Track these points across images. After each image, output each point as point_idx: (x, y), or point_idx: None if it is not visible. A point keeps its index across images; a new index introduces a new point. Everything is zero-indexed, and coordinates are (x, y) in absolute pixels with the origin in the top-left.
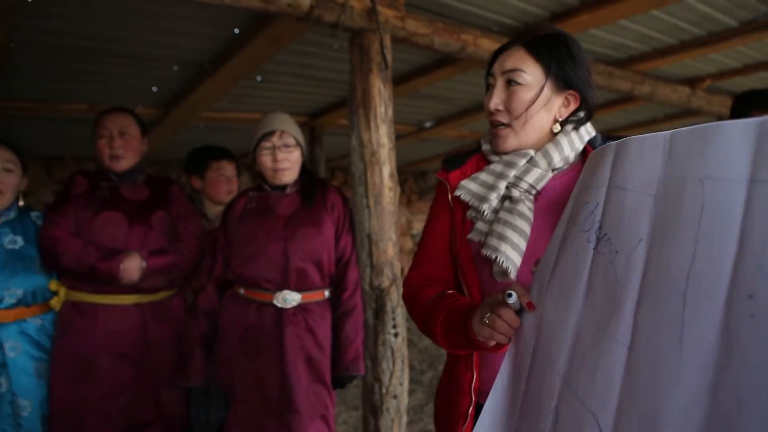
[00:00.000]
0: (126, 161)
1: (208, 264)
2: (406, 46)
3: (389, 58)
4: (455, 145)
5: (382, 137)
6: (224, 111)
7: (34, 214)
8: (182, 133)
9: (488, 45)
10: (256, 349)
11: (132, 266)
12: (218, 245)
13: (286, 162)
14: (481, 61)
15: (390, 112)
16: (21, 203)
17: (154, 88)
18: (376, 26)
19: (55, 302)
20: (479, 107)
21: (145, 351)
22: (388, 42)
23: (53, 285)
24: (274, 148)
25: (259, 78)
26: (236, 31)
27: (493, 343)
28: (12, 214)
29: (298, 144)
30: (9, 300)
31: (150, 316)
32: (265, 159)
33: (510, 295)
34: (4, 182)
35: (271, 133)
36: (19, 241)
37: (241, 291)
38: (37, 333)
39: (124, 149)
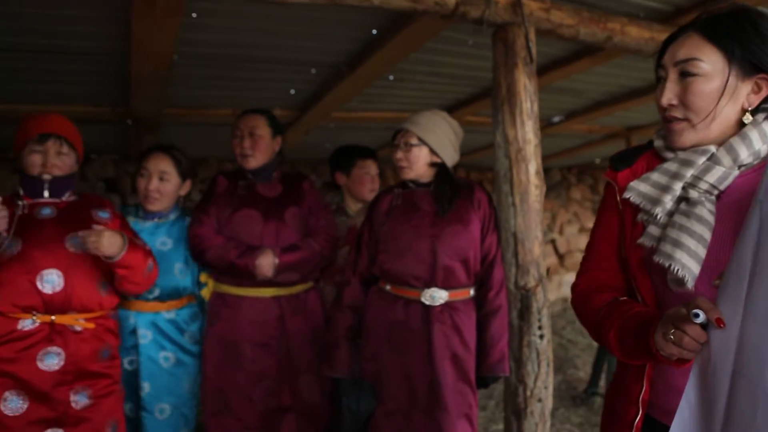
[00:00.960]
0: (254, 160)
1: (353, 258)
2: (550, 38)
3: (534, 51)
4: (582, 141)
5: (527, 133)
6: (354, 111)
7: (189, 219)
8: (312, 133)
9: (636, 33)
10: (403, 346)
11: (266, 263)
12: (363, 241)
13: (404, 161)
14: (628, 50)
15: (536, 107)
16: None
17: (292, 91)
18: (521, 19)
19: (205, 292)
20: (614, 99)
21: (283, 341)
22: (532, 35)
23: (203, 277)
24: (397, 146)
25: (391, 77)
26: (374, 32)
27: (675, 357)
28: (171, 217)
29: (424, 143)
30: (147, 294)
31: (287, 309)
32: (394, 156)
33: (697, 315)
34: (159, 190)
35: (398, 132)
36: (169, 243)
37: (387, 287)
38: (168, 325)
39: (251, 148)
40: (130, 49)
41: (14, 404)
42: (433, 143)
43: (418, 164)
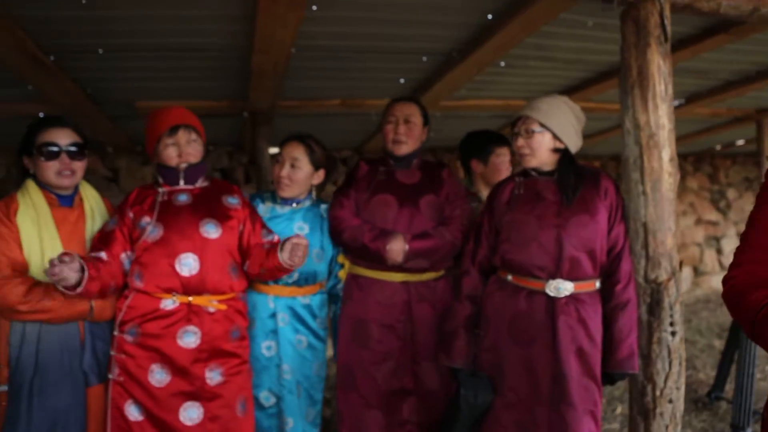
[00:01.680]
0: (406, 146)
1: (472, 248)
2: (682, 15)
3: (669, 29)
4: (703, 126)
5: (661, 118)
6: (462, 99)
7: (323, 206)
8: None
9: None
10: (525, 338)
11: (396, 248)
12: (483, 230)
13: (526, 148)
14: None
15: (670, 89)
16: (314, 196)
17: (402, 80)
18: None
19: (342, 273)
20: (746, 79)
21: (408, 326)
22: (668, 11)
23: (340, 258)
24: (517, 134)
25: (502, 63)
26: (489, 16)
27: None
28: (307, 203)
29: (546, 129)
30: (287, 279)
31: (414, 295)
32: (515, 144)
33: None
34: (290, 177)
35: (518, 119)
36: (306, 228)
37: (509, 277)
38: (302, 310)
39: (406, 135)
40: (252, 45)
41: (160, 376)
42: (555, 128)
43: (540, 151)
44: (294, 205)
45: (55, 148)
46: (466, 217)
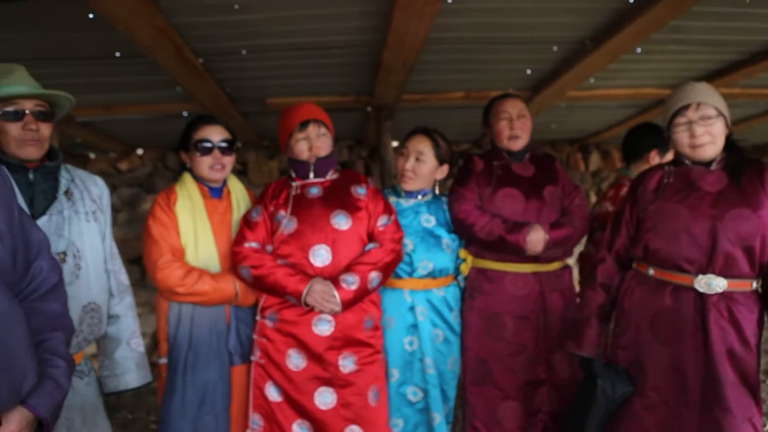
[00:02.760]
0: (521, 141)
1: (609, 236)
2: None
3: None
4: None
5: None
6: (589, 89)
7: (444, 198)
8: (542, 113)
9: None
10: (672, 336)
11: (536, 238)
12: (623, 218)
13: (707, 136)
14: None
15: None
16: (437, 191)
17: (528, 71)
18: None
19: (464, 268)
20: None
21: (542, 316)
22: None
23: (462, 253)
24: (690, 123)
25: (639, 50)
26: (631, 0)
27: None
28: (429, 196)
29: (721, 114)
30: (421, 271)
31: (546, 285)
32: (681, 135)
33: None
34: (414, 170)
35: (686, 107)
36: (432, 220)
37: (651, 272)
38: (440, 303)
39: (521, 130)
40: (385, 40)
41: (296, 361)
42: (727, 114)
43: (721, 138)
44: (419, 197)
45: (208, 144)
46: (586, 207)
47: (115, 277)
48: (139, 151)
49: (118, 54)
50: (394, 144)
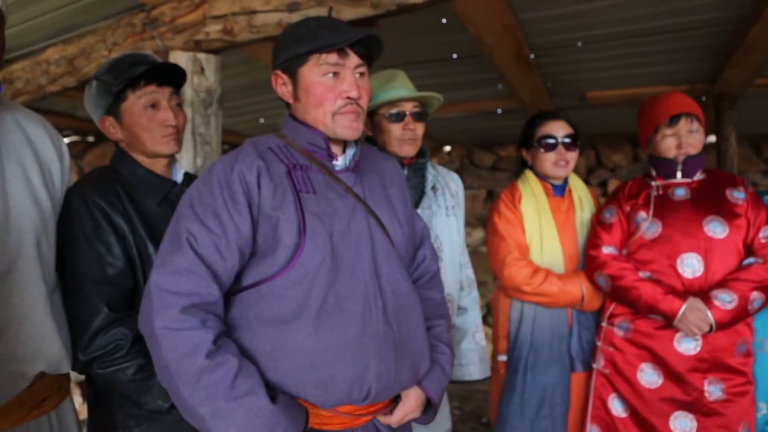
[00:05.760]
0: None
1: None
2: None
3: None
4: None
5: None
6: None
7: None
8: None
9: None
10: None
11: None
12: None
13: None
14: None
15: None
16: None
17: None
18: None
19: None
20: None
21: None
22: None
23: None
24: None
25: None
26: None
27: None
28: None
29: None
30: None
31: None
32: None
33: None
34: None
35: None
36: None
37: None
38: None
39: None
40: (757, 14)
41: (650, 377)
42: None
43: None
44: None
45: (552, 140)
46: None
47: (464, 271)
48: (447, 148)
49: (455, 56)
50: (711, 138)
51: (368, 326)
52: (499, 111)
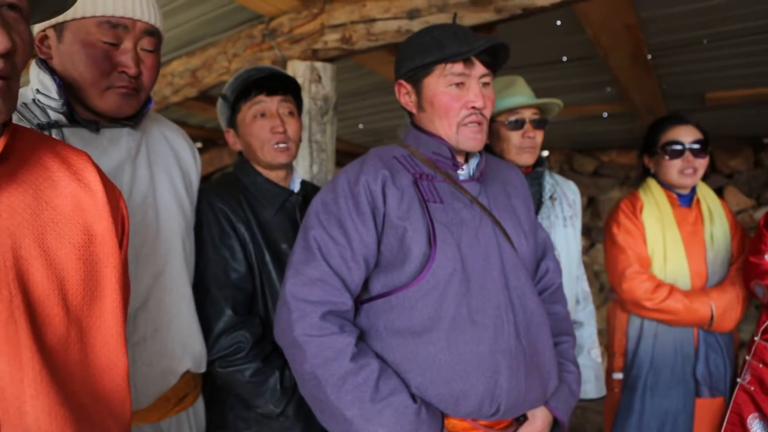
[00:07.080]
0: None
1: None
2: None
3: None
4: None
5: None
6: None
7: None
8: None
9: None
10: None
11: None
12: None
13: None
14: None
15: None
16: None
17: None
18: None
19: None
20: None
21: None
22: None
23: None
24: None
25: None
26: None
27: None
28: None
29: None
30: None
31: None
32: None
33: None
34: None
35: None
36: None
37: None
38: None
39: None
40: None
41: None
42: None
43: None
44: None
45: (679, 147)
46: None
47: (580, 284)
48: (545, 153)
49: (564, 58)
50: None
51: (500, 341)
52: (605, 115)
